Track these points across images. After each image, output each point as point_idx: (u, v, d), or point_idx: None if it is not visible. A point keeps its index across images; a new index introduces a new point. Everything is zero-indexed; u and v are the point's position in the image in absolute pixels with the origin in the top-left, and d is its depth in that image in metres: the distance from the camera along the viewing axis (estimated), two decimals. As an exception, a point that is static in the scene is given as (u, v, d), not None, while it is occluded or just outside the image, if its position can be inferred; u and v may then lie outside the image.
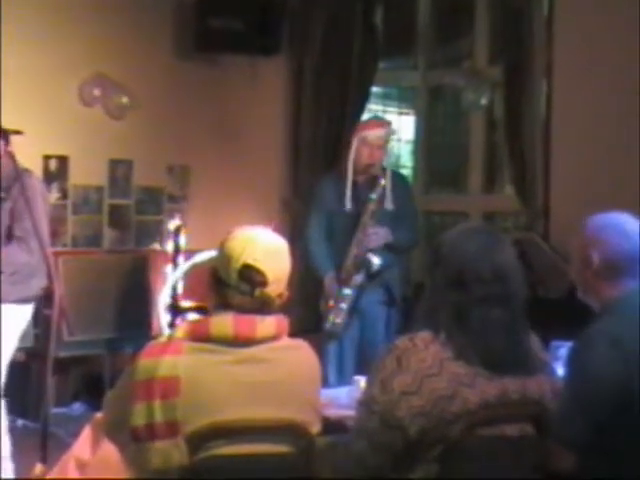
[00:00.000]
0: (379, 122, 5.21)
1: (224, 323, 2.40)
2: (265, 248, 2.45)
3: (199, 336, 2.40)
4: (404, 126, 7.37)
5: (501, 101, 6.26)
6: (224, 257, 2.45)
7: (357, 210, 4.96)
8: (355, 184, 5.01)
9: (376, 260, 4.87)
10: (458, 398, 2.32)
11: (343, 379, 4.63)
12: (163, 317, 5.91)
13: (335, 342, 4.99)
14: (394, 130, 5.25)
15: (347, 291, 4.93)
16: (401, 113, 7.50)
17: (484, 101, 6.53)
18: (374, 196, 4.90)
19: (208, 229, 6.19)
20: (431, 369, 2.33)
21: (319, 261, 5.06)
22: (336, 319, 4.95)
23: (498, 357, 2.37)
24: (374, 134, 4.99)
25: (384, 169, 5.00)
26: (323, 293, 5.04)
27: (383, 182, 4.90)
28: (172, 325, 5.60)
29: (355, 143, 5.00)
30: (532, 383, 2.43)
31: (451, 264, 2.43)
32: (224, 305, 2.45)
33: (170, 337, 2.43)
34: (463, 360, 2.34)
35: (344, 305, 4.93)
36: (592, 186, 5.50)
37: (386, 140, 5.07)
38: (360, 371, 3.87)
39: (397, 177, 5.18)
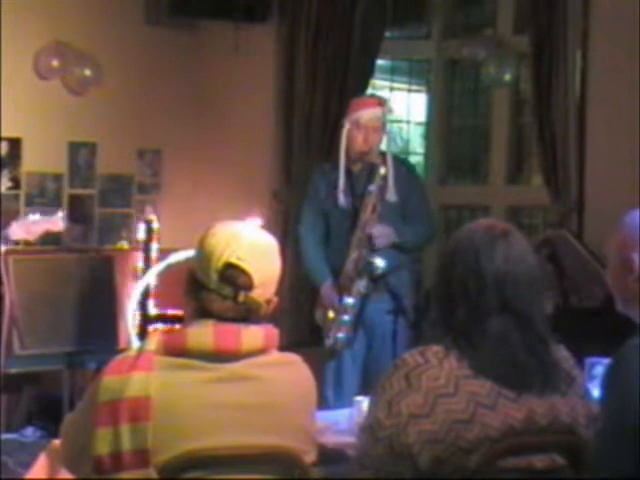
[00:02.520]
0: (373, 100, 5.18)
1: (203, 334, 2.40)
2: (251, 246, 2.46)
3: (174, 349, 2.40)
4: (415, 105, 7.38)
5: (529, 76, 6.27)
6: (203, 256, 2.46)
7: (354, 205, 4.96)
8: (350, 175, 5.01)
9: (380, 262, 4.86)
10: (477, 423, 2.33)
11: (343, 400, 4.63)
12: (132, 327, 5.92)
13: (335, 358, 5.00)
14: (392, 109, 5.22)
15: (350, 301, 4.93)
16: (411, 90, 7.52)
17: (509, 76, 6.54)
18: (373, 187, 4.89)
19: (184, 224, 6.21)
20: (446, 388, 2.34)
21: (314, 268, 5.08)
22: (338, 334, 4.95)
23: (521, 373, 2.38)
24: (368, 114, 4.97)
25: (383, 155, 4.99)
26: (319, 303, 5.05)
27: (383, 170, 4.89)
28: (142, 337, 5.61)
29: (347, 126, 4.99)
30: (563, 405, 2.44)
31: (459, 267, 2.43)
32: (203, 312, 2.45)
33: (140, 351, 2.43)
34: (482, 378, 2.35)
35: (347, 317, 4.94)
36: (634, 176, 5.51)
37: (383, 121, 5.03)
38: (362, 391, 3.88)
39: (400, 163, 5.16)
